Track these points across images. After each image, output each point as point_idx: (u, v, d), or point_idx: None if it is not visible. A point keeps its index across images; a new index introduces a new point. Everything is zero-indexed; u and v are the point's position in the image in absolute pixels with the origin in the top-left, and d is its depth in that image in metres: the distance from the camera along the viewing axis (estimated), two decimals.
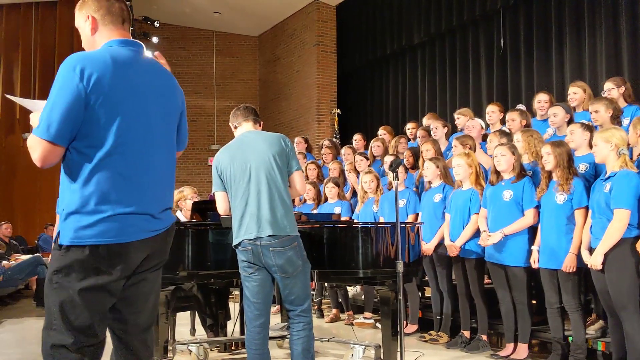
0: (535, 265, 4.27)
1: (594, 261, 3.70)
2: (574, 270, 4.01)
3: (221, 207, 3.45)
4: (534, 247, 4.29)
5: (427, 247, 5.04)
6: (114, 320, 2.14)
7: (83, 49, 2.24)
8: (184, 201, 5.22)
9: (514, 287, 4.43)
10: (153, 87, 2.19)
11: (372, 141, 7.07)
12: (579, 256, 3.98)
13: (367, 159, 6.74)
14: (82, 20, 2.22)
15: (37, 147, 1.97)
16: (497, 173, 4.55)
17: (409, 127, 7.42)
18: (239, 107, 3.60)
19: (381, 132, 7.47)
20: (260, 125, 3.61)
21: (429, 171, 5.17)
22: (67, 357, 1.98)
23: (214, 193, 3.47)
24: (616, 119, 4.64)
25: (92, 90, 1.98)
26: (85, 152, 2.01)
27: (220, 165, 3.39)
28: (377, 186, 5.77)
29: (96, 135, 2.02)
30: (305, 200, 6.68)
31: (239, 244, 3.30)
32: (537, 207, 4.33)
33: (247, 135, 3.45)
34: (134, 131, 2.08)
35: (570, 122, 4.89)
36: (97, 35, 2.21)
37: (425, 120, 7.14)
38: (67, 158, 2.04)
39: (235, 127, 3.56)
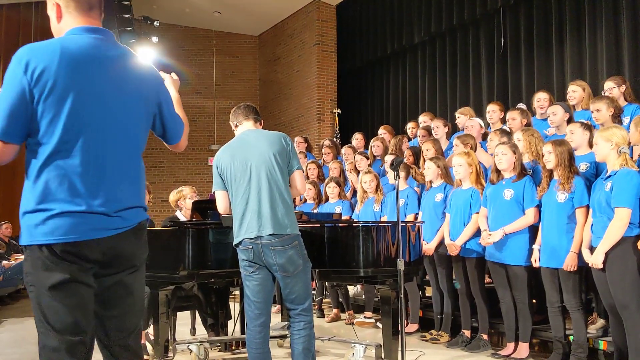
0: (536, 264, 4.26)
1: (595, 260, 3.69)
2: (575, 269, 4.00)
3: (221, 206, 3.45)
4: (535, 246, 4.29)
5: (428, 247, 5.03)
6: (95, 325, 2.06)
7: None
8: (183, 201, 5.20)
9: (514, 286, 4.42)
10: (115, 78, 2.05)
11: (372, 140, 7.07)
12: (580, 255, 3.97)
13: (368, 158, 6.73)
14: (49, 7, 2.12)
15: None
16: (498, 172, 4.55)
17: (409, 126, 7.44)
18: (239, 106, 3.59)
19: (381, 131, 7.48)
20: (260, 124, 3.60)
21: (430, 171, 5.17)
22: (57, 358, 1.92)
23: (214, 192, 3.46)
24: (617, 117, 4.64)
25: (35, 84, 1.89)
26: (35, 149, 1.94)
27: (220, 164, 3.39)
28: (377, 186, 5.76)
29: (44, 131, 1.92)
30: (305, 200, 6.68)
31: (240, 242, 3.29)
32: (538, 206, 4.32)
33: (248, 134, 3.45)
34: (85, 126, 1.96)
35: (569, 121, 4.90)
36: (62, 23, 2.10)
37: (422, 118, 7.15)
38: (26, 156, 1.97)
39: (236, 126, 3.55)
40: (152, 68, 2.26)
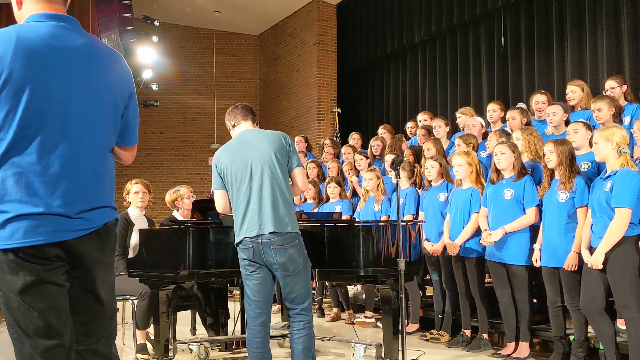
0: (537, 264, 4.26)
1: (595, 260, 3.68)
2: (576, 269, 4.00)
3: (220, 205, 3.44)
4: (536, 246, 4.28)
5: (435, 248, 5.02)
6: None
7: None
8: (180, 200, 5.19)
9: (515, 286, 4.42)
10: (78, 69, 1.92)
11: (372, 140, 7.07)
12: (580, 255, 3.97)
13: (367, 157, 6.73)
14: None
15: None
16: (497, 171, 4.54)
17: (409, 125, 7.44)
18: (236, 106, 3.57)
19: (381, 130, 7.48)
20: (257, 125, 3.60)
21: (434, 170, 5.16)
22: None
23: (213, 191, 3.46)
24: (617, 117, 4.64)
25: None
26: None
27: (220, 163, 3.38)
28: (378, 185, 5.76)
29: (1, 125, 1.81)
30: (305, 199, 6.68)
31: (240, 242, 3.29)
32: (539, 206, 4.32)
33: (247, 134, 3.44)
34: (42, 121, 1.83)
35: (567, 122, 4.91)
36: (23, 9, 1.96)
37: (420, 116, 7.16)
38: None
39: (234, 126, 3.54)
40: (122, 57, 2.12)
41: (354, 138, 7.78)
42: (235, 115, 3.53)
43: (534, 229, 4.39)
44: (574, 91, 5.29)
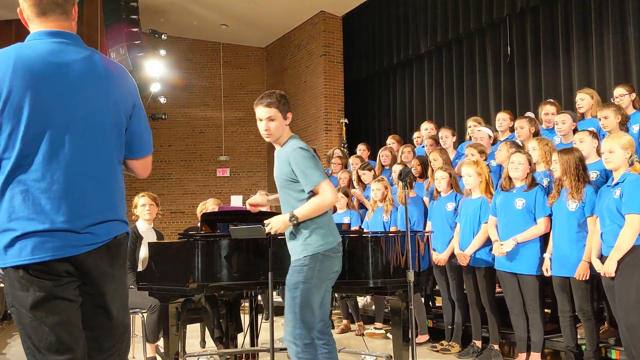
0: (547, 273, 4.24)
1: (608, 269, 3.66)
2: (587, 278, 3.98)
3: (334, 194, 3.19)
4: (546, 255, 4.26)
5: (441, 257, 5.01)
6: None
7: None
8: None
9: (526, 296, 4.39)
10: (78, 83, 1.93)
11: (380, 150, 7.07)
12: (591, 264, 3.95)
13: (370, 170, 6.72)
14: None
15: None
16: (509, 179, 4.52)
17: (416, 135, 7.44)
18: (284, 95, 3.35)
19: (390, 141, 7.48)
20: None
21: (444, 181, 5.14)
22: None
23: (320, 182, 3.14)
24: (623, 125, 4.63)
25: None
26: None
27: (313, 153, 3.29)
28: (386, 195, 5.74)
29: (4, 145, 1.84)
30: None
31: (334, 248, 3.19)
32: (550, 216, 4.30)
33: None
34: (43, 138, 1.85)
35: (575, 130, 4.90)
36: (30, 28, 1.99)
37: (425, 125, 7.17)
38: None
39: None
40: (124, 69, 2.13)
41: (361, 149, 7.78)
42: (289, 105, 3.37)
43: (543, 239, 4.37)
44: (583, 99, 5.28)
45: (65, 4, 1.99)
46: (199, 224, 5.23)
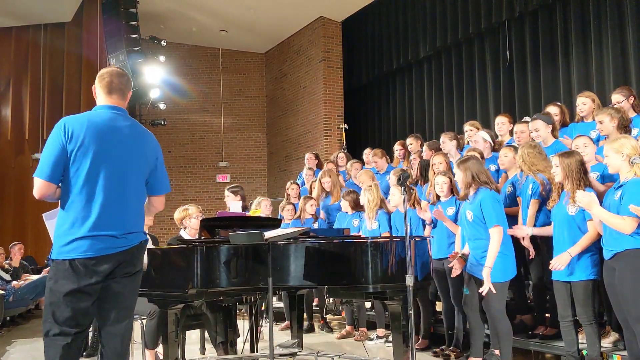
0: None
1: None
2: (562, 268, 3.95)
3: None
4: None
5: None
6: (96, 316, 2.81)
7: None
8: (188, 219, 5.18)
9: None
10: (124, 141, 2.85)
11: (395, 144, 7.22)
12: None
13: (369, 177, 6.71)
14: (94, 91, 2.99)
15: (35, 184, 2.71)
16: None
17: (398, 149, 7.32)
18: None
19: (397, 147, 7.35)
20: None
21: (445, 186, 5.10)
22: (55, 340, 2.67)
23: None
24: (624, 128, 4.61)
25: (69, 141, 2.71)
26: (68, 187, 2.74)
27: None
28: (377, 203, 5.70)
29: (74, 174, 2.73)
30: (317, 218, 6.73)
31: None
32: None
33: None
34: (100, 171, 2.75)
35: (553, 131, 5.01)
36: (98, 100, 2.97)
37: (409, 140, 7.10)
38: (61, 193, 2.76)
39: None
40: (152, 134, 3.06)
41: (367, 153, 7.68)
42: None
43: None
44: (585, 102, 5.28)
45: (125, 89, 2.98)
46: (180, 232, 5.22)
